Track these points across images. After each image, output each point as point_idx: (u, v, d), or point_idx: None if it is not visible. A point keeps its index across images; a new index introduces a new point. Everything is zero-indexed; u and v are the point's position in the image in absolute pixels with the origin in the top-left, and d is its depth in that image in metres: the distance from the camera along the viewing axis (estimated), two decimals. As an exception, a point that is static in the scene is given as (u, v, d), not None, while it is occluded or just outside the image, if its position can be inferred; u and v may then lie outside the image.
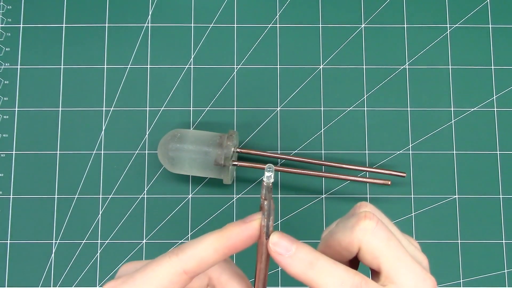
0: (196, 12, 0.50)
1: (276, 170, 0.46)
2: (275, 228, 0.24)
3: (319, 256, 0.22)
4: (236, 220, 0.47)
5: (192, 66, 0.49)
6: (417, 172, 0.48)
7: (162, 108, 0.49)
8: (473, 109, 0.49)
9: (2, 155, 0.48)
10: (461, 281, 0.46)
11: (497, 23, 0.50)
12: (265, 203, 0.23)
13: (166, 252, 0.23)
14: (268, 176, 0.22)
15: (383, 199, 0.48)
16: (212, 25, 0.50)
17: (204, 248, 0.22)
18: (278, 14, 0.50)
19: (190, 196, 0.47)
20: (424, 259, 0.25)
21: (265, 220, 0.23)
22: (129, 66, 0.49)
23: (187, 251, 0.23)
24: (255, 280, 0.25)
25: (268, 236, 0.23)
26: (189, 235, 0.47)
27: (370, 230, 0.23)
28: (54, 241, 0.47)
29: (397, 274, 0.22)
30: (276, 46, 0.50)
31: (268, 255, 0.24)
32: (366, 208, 0.25)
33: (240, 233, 0.23)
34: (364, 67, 0.49)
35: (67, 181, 0.48)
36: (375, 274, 0.24)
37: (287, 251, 0.22)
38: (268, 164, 0.23)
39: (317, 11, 0.50)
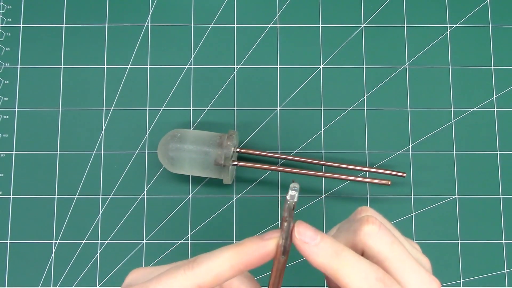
0: (196, 12, 0.50)
1: (276, 170, 0.46)
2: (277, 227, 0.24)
3: (344, 247, 0.22)
4: (235, 221, 0.47)
5: (192, 66, 0.49)
6: (417, 172, 0.48)
7: (162, 108, 0.49)
8: (473, 109, 0.49)
9: (2, 155, 0.48)
10: (461, 281, 0.46)
11: (497, 23, 0.50)
12: (285, 224, 0.22)
13: (180, 264, 0.23)
14: (292, 195, 0.22)
15: (383, 199, 0.48)
16: (212, 25, 0.50)
17: (220, 263, 0.22)
18: (278, 14, 0.50)
19: (190, 196, 0.47)
20: (427, 262, 0.25)
21: (283, 240, 0.22)
22: (129, 66, 0.49)
23: (202, 265, 0.22)
24: None
25: (284, 255, 0.23)
26: (189, 235, 0.47)
27: (374, 234, 0.23)
28: (54, 241, 0.47)
29: (403, 278, 0.23)
30: (276, 46, 0.50)
31: (283, 272, 0.23)
32: (368, 212, 0.25)
33: (257, 250, 0.22)
34: (364, 67, 0.50)
35: (67, 181, 0.48)
36: None
37: (313, 240, 0.22)
38: (294, 183, 0.22)
39: (317, 11, 0.50)
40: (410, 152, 0.48)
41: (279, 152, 0.48)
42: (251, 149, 0.47)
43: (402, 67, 0.50)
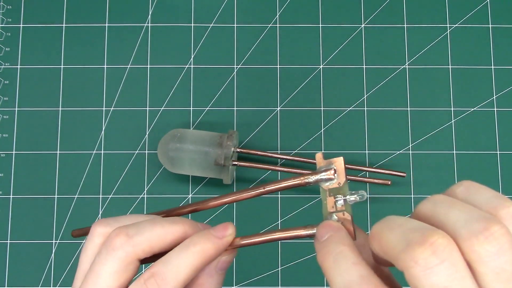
0: (196, 12, 0.50)
1: (276, 170, 0.46)
2: (276, 227, 0.24)
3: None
4: (235, 221, 0.47)
5: (192, 66, 0.49)
6: (417, 172, 0.48)
7: (162, 108, 0.49)
8: (473, 109, 0.49)
9: (2, 155, 0.48)
10: (461, 281, 0.46)
11: (497, 23, 0.50)
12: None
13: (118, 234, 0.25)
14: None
15: (383, 199, 0.48)
16: (212, 25, 0.50)
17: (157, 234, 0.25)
18: (278, 14, 0.50)
19: (190, 196, 0.47)
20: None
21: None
22: (129, 66, 0.49)
23: (140, 237, 0.25)
24: None
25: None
26: (189, 235, 0.47)
27: (425, 268, 0.17)
28: (54, 241, 0.47)
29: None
30: (276, 46, 0.50)
31: None
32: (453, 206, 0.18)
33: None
34: (364, 67, 0.49)
35: (67, 181, 0.48)
36: None
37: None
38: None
39: (317, 11, 0.50)
40: (410, 152, 0.48)
41: (279, 152, 0.48)
42: (251, 149, 0.47)
43: (402, 67, 0.50)
